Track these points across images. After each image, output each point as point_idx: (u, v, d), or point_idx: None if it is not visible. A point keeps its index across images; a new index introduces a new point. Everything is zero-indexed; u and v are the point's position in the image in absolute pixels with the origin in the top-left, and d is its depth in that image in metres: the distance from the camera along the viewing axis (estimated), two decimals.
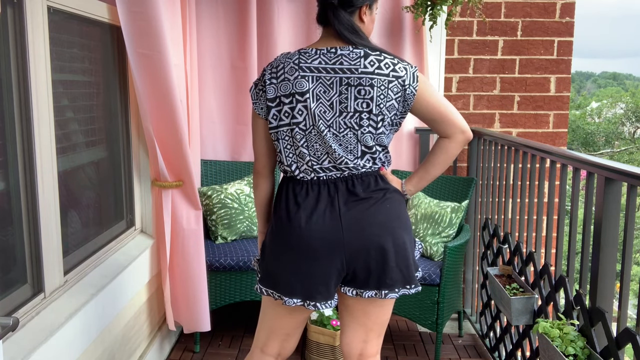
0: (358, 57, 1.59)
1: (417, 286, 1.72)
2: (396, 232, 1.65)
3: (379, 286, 1.66)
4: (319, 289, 1.65)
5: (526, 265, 2.39)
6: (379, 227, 1.63)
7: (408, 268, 1.68)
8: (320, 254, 1.62)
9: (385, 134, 1.66)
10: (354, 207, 1.63)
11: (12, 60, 1.63)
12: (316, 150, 1.63)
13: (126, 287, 2.25)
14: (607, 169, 1.80)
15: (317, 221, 1.62)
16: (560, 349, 1.83)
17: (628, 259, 1.72)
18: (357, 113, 1.60)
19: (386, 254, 1.63)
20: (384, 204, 1.66)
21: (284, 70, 1.61)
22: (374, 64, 1.59)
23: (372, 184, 1.66)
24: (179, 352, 2.89)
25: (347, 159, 1.63)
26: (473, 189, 3.07)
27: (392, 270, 1.65)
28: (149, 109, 2.29)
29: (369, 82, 1.58)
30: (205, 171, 3.18)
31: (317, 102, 1.59)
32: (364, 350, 1.78)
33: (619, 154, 18.65)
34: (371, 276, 1.65)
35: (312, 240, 1.62)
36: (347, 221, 1.62)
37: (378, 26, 3.19)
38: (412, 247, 1.73)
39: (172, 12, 2.38)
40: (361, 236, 1.62)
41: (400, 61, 1.64)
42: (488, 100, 3.40)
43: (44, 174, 1.77)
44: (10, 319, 1.01)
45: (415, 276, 1.73)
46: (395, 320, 3.34)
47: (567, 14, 3.33)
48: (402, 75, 1.61)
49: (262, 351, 1.82)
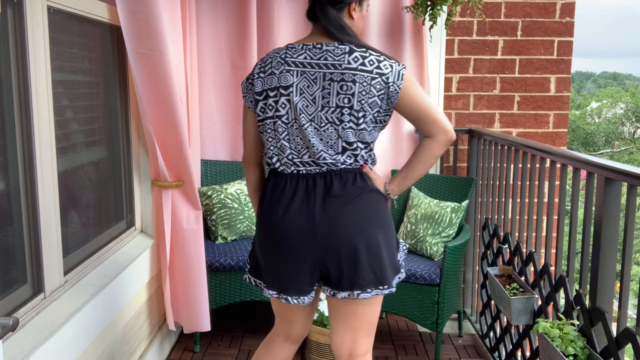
0: (343, 53, 1.61)
1: (390, 287, 1.70)
2: (370, 232, 1.65)
3: (352, 287, 1.66)
4: (290, 282, 1.70)
5: (526, 265, 2.39)
6: (352, 226, 1.64)
7: (381, 269, 1.67)
8: (293, 248, 1.66)
9: (368, 131, 1.65)
10: (329, 204, 1.64)
11: (12, 60, 1.63)
12: (297, 144, 1.65)
13: (126, 287, 2.25)
14: (607, 169, 1.80)
15: (293, 215, 1.65)
16: (560, 349, 1.83)
17: (628, 259, 1.72)
18: (338, 108, 1.61)
19: (358, 253, 1.64)
20: (360, 203, 1.66)
21: (272, 65, 1.65)
22: (358, 60, 1.61)
23: (349, 182, 1.66)
24: (179, 352, 2.89)
25: (327, 155, 1.64)
26: (473, 189, 3.07)
27: (365, 271, 1.65)
28: (149, 109, 2.29)
29: (352, 78, 1.59)
30: (205, 171, 3.18)
31: (300, 96, 1.62)
32: (353, 350, 1.79)
33: (619, 154, 18.65)
34: (343, 276, 1.66)
35: (286, 233, 1.65)
36: (321, 218, 1.63)
37: (378, 26, 3.19)
38: (390, 248, 1.71)
39: (172, 12, 2.38)
40: (334, 234, 1.64)
41: (387, 59, 1.64)
42: (488, 100, 3.40)
43: (44, 174, 1.77)
44: (10, 319, 1.00)
45: (392, 277, 1.71)
46: (395, 320, 3.34)
47: (567, 14, 3.33)
48: (387, 72, 1.61)
49: (273, 330, 1.92)
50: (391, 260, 1.71)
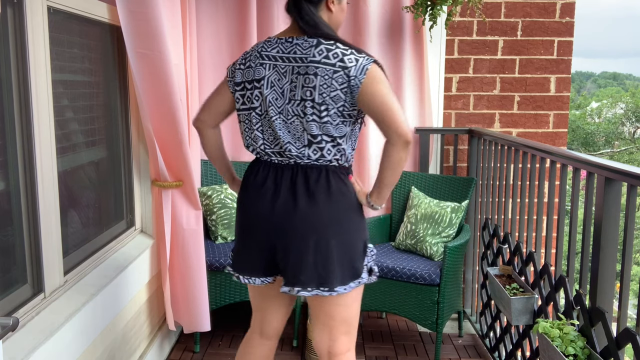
0: (310, 47, 1.63)
1: (331, 291, 1.68)
2: (321, 233, 1.66)
3: (294, 282, 1.69)
4: (244, 260, 1.79)
5: (526, 265, 2.39)
6: (306, 223, 1.66)
7: (328, 271, 1.67)
8: (252, 230, 1.74)
9: (333, 125, 1.65)
10: (290, 197, 1.67)
11: (12, 60, 1.63)
12: (269, 135, 1.70)
13: (126, 287, 2.25)
14: (607, 169, 1.80)
15: (260, 199, 1.71)
16: (560, 349, 1.83)
17: (628, 259, 1.72)
18: (302, 101, 1.63)
19: (305, 250, 1.66)
20: (318, 204, 1.66)
21: (250, 58, 1.71)
22: (322, 53, 1.62)
23: (313, 179, 1.67)
24: (179, 352, 2.89)
25: (293, 147, 1.67)
26: (473, 189, 3.07)
27: (309, 268, 1.67)
28: (149, 109, 2.29)
29: (314, 70, 1.61)
30: (205, 171, 3.18)
31: (270, 89, 1.67)
32: (332, 348, 1.80)
33: (619, 154, 18.65)
34: (288, 269, 1.70)
35: (251, 214, 1.74)
36: (280, 209, 1.68)
37: (378, 26, 3.19)
38: (347, 253, 1.69)
39: (172, 12, 2.38)
40: (287, 227, 1.67)
41: (355, 52, 1.63)
42: (488, 100, 3.40)
43: (44, 174, 1.77)
44: (10, 319, 1.00)
45: (341, 281, 1.68)
46: (395, 320, 3.34)
47: (567, 14, 3.33)
48: (350, 66, 1.60)
49: (250, 328, 1.95)
50: (348, 265, 1.70)
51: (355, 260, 1.72)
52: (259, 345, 1.92)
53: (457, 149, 3.36)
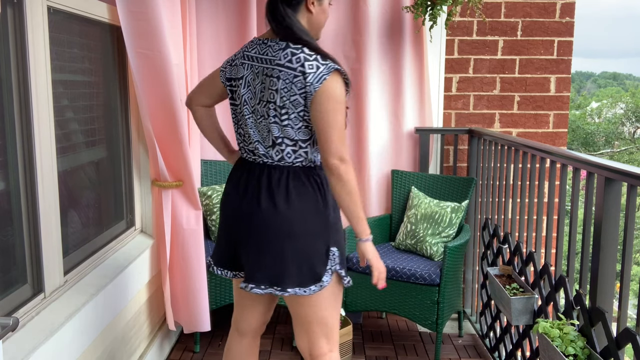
0: (278, 49, 1.65)
1: (283, 291, 1.69)
2: (278, 234, 1.68)
3: (250, 278, 1.72)
4: (219, 253, 1.83)
5: (526, 265, 2.39)
6: (266, 223, 1.68)
7: (281, 271, 1.68)
8: (225, 223, 1.79)
9: (294, 129, 1.65)
10: (254, 196, 1.70)
11: (12, 60, 1.63)
12: (244, 133, 1.75)
13: (126, 287, 2.25)
14: (607, 169, 1.80)
15: (233, 195, 1.76)
16: (560, 349, 1.83)
17: (628, 259, 1.72)
18: (267, 103, 1.65)
19: (262, 249, 1.69)
20: (279, 205, 1.67)
21: (238, 57, 1.75)
22: (287, 56, 1.63)
23: (274, 180, 1.69)
24: (179, 352, 2.89)
25: (260, 146, 1.70)
26: (473, 189, 3.07)
27: (264, 267, 1.70)
28: (148, 109, 2.29)
29: (277, 74, 1.63)
30: (205, 171, 3.18)
31: (247, 88, 1.70)
32: (311, 350, 1.83)
33: (619, 154, 18.65)
34: (247, 266, 1.73)
35: (226, 210, 1.78)
36: (246, 207, 1.72)
37: (378, 26, 3.19)
38: (303, 257, 1.68)
39: (172, 12, 2.38)
40: (249, 225, 1.71)
41: (319, 59, 1.61)
42: (488, 100, 3.40)
43: (44, 174, 1.77)
44: (10, 319, 1.01)
45: (298, 284, 1.68)
46: (395, 320, 3.34)
47: (567, 14, 3.33)
48: (309, 72, 1.60)
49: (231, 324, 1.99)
50: (307, 267, 1.69)
51: (314, 264, 1.70)
52: (236, 342, 1.94)
53: (457, 149, 3.36)
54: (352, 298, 2.93)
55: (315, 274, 1.70)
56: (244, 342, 1.93)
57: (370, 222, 3.13)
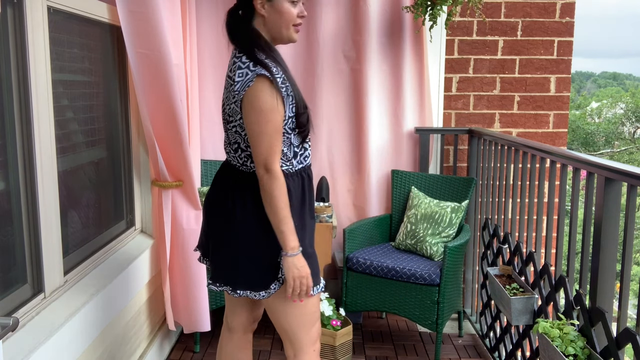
0: (232, 58, 1.69)
1: (234, 291, 1.71)
2: (224, 236, 1.72)
3: (210, 274, 1.80)
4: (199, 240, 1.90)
5: (526, 265, 2.39)
6: (218, 223, 1.73)
7: (230, 272, 1.72)
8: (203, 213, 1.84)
9: (241, 135, 1.66)
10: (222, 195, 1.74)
11: (12, 60, 1.63)
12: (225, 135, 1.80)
13: (126, 287, 2.25)
14: (607, 169, 1.80)
15: (211, 188, 1.81)
16: (560, 349, 1.83)
17: (628, 259, 1.72)
18: (223, 111, 1.73)
19: (218, 249, 1.74)
20: (228, 208, 1.70)
21: None
22: (231, 65, 1.67)
23: (232, 181, 1.72)
24: (179, 352, 2.89)
25: (226, 148, 1.77)
26: (473, 189, 3.07)
27: (219, 265, 1.75)
28: (149, 109, 2.29)
29: (226, 83, 1.69)
30: (205, 171, 3.18)
31: (223, 94, 1.75)
32: (285, 351, 1.86)
33: (619, 154, 18.65)
34: (210, 261, 1.80)
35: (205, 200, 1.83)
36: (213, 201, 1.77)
37: (378, 26, 3.19)
38: (247, 262, 1.68)
39: (172, 12, 2.38)
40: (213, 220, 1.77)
41: (250, 66, 1.58)
42: (488, 100, 3.40)
43: (44, 174, 1.77)
44: (10, 319, 1.01)
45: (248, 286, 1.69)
46: (395, 320, 3.34)
47: (567, 14, 3.33)
48: (237, 80, 1.60)
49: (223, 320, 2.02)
50: (254, 273, 1.69)
51: (259, 271, 1.68)
52: (227, 339, 1.96)
53: (457, 149, 3.36)
54: (352, 298, 2.93)
55: (261, 281, 1.69)
56: (234, 337, 1.95)
57: (370, 222, 3.13)
